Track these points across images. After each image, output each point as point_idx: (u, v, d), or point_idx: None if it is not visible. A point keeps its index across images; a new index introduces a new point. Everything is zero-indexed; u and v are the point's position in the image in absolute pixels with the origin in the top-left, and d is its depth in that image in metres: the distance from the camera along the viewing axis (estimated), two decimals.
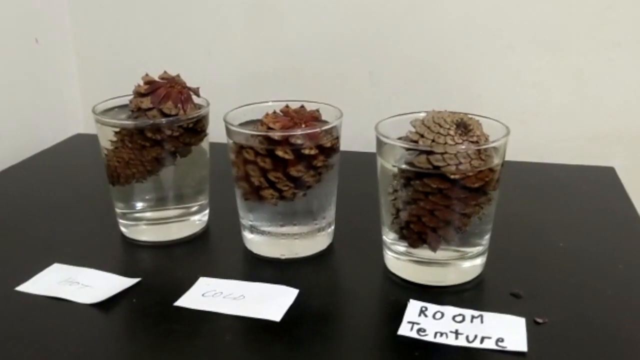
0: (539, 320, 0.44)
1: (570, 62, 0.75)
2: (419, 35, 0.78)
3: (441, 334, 0.43)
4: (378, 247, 0.53)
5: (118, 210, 0.58)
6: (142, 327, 0.45)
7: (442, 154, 0.45)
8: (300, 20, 0.81)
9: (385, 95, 0.81)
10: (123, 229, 0.58)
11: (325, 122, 0.53)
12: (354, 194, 0.62)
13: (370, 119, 0.65)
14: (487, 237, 0.50)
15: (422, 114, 0.50)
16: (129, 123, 0.54)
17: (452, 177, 0.45)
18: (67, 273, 0.51)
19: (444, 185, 0.46)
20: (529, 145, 0.76)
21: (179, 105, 0.54)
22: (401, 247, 0.50)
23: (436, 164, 0.45)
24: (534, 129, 0.78)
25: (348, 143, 0.61)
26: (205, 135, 0.57)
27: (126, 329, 0.46)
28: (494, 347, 0.41)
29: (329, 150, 0.52)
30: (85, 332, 0.45)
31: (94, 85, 0.90)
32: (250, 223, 0.54)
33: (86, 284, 0.49)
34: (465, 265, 0.50)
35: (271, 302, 0.47)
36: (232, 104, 0.55)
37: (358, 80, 0.81)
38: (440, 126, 0.46)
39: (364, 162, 0.60)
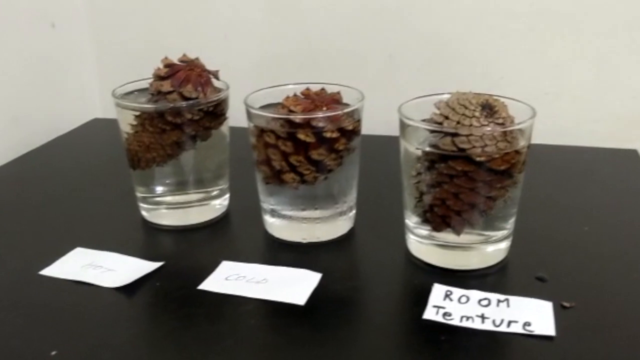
0: (566, 305, 0.44)
1: (592, 43, 0.74)
2: (440, 17, 0.77)
3: (467, 318, 0.42)
4: (400, 230, 0.52)
5: (139, 194, 0.58)
6: (166, 310, 0.45)
7: (467, 136, 0.44)
8: (319, 2, 0.80)
9: (405, 78, 0.80)
10: (144, 213, 0.58)
11: (347, 105, 0.52)
12: (374, 177, 0.62)
13: (390, 102, 0.64)
14: (512, 220, 0.49)
15: (446, 96, 0.49)
16: (149, 107, 0.53)
17: (478, 159, 0.45)
18: (90, 257, 0.51)
19: (469, 168, 0.45)
20: (550, 128, 0.75)
21: (199, 88, 0.54)
22: (424, 231, 0.49)
23: (461, 146, 0.45)
24: (555, 111, 0.77)
25: (367, 126, 0.60)
26: (225, 118, 0.56)
27: (150, 313, 0.46)
28: (522, 331, 0.41)
29: (351, 133, 0.51)
30: (109, 315, 0.45)
31: (110, 70, 0.90)
32: (271, 207, 0.54)
33: (109, 268, 0.49)
34: (490, 249, 0.49)
35: (294, 285, 0.47)
36: (249, 86, 0.55)
37: (378, 62, 0.80)
38: (466, 108, 0.46)
39: (384, 145, 0.59)
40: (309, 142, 0.49)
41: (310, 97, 0.52)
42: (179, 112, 0.53)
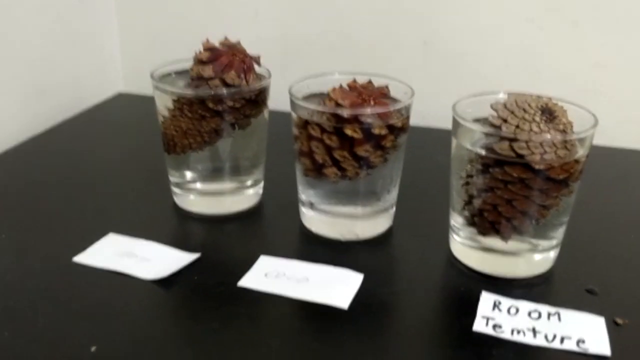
0: (619, 321, 0.42)
1: (636, 40, 0.72)
2: (479, 5, 0.75)
3: (518, 332, 0.41)
4: (440, 230, 0.51)
5: (172, 179, 0.56)
6: (206, 308, 0.43)
7: (526, 142, 0.43)
8: None
9: (439, 67, 0.77)
10: (176, 199, 0.56)
11: (396, 100, 0.50)
12: (411, 171, 0.60)
13: (423, 90, 0.62)
14: (562, 230, 0.47)
15: (502, 96, 0.47)
16: (190, 93, 0.51)
17: (537, 167, 0.43)
18: (124, 244, 0.50)
19: (527, 175, 0.43)
20: None
21: (242, 75, 0.51)
22: (469, 234, 0.48)
23: (520, 152, 0.43)
24: (594, 109, 0.74)
25: None
26: (266, 107, 0.54)
27: (190, 309, 0.44)
28: (575, 348, 0.40)
29: (399, 130, 0.49)
30: (148, 309, 0.44)
31: (134, 45, 0.88)
32: (311, 200, 0.52)
33: (145, 258, 0.48)
34: (537, 257, 0.48)
35: (337, 287, 0.45)
36: (276, 67, 0.53)
37: (411, 49, 0.78)
38: (525, 111, 0.44)
39: (418, 136, 0.57)
40: (355, 138, 0.48)
41: (357, 89, 0.50)
42: (220, 100, 0.51)
